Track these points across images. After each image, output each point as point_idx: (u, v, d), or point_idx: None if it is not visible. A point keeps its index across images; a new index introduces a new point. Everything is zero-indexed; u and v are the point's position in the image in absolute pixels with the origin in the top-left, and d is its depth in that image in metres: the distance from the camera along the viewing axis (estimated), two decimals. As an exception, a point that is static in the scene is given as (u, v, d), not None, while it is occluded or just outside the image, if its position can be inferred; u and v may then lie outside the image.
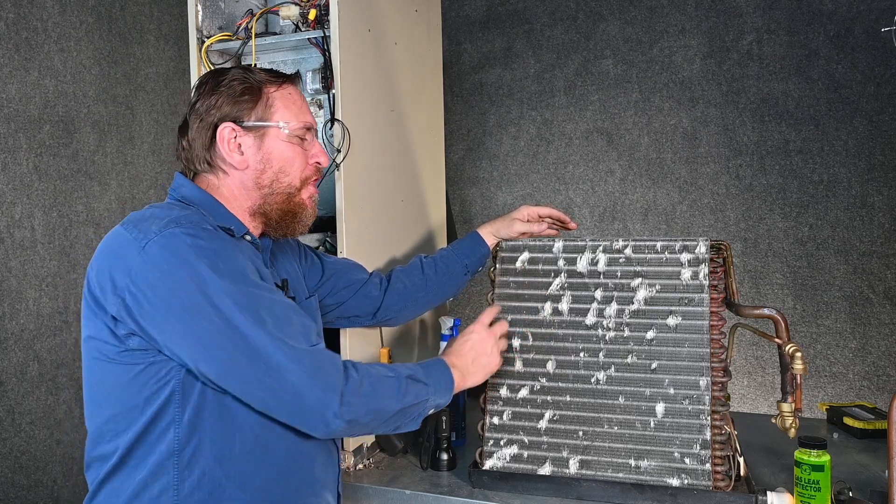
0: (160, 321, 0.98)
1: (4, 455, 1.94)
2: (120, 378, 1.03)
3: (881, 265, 2.46)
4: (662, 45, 2.73)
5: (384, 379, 1.07)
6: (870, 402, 2.23)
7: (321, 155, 1.20)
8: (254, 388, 0.99)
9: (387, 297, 1.47)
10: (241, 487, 1.04)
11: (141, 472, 1.02)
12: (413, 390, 1.09)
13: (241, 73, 1.17)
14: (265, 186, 1.15)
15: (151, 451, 1.02)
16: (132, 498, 1.02)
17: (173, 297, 0.97)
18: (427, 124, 1.99)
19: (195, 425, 1.02)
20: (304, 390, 0.98)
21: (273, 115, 1.15)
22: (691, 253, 1.36)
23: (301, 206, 1.18)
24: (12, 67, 2.00)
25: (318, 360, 1.01)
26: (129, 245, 1.00)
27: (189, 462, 1.01)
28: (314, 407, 0.98)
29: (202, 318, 0.97)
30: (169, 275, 0.97)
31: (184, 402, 1.01)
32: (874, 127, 2.47)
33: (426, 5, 1.99)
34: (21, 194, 2.02)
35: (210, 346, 0.97)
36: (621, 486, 1.26)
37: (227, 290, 0.98)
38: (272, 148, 1.15)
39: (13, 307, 1.99)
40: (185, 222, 1.02)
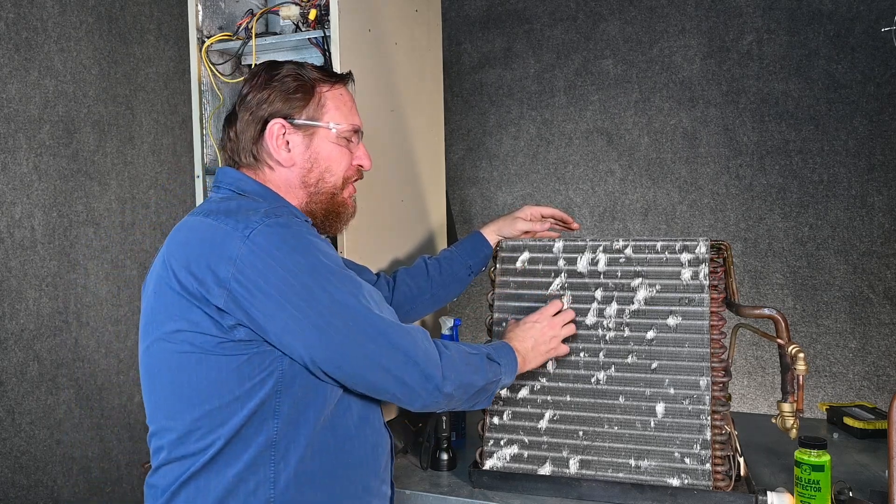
0: (272, 309, 0.97)
1: (4, 455, 1.94)
2: (221, 370, 0.99)
3: (881, 265, 2.46)
4: (662, 45, 2.73)
5: (470, 356, 1.13)
6: (870, 402, 2.23)
7: (365, 158, 1.23)
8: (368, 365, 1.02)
9: (394, 299, 1.48)
10: (330, 477, 1.05)
11: (234, 467, 0.99)
12: (492, 368, 1.15)
13: (296, 69, 1.18)
14: (311, 185, 1.17)
15: (249, 444, 1.00)
16: (225, 495, 0.99)
17: (284, 285, 0.97)
18: (427, 124, 1.99)
19: (293, 416, 1.02)
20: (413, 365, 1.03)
21: (324, 115, 1.17)
22: (691, 253, 1.36)
23: (343, 206, 1.21)
24: (12, 67, 2.00)
25: (420, 336, 1.06)
26: (228, 235, 0.99)
27: (285, 453, 1.01)
28: (422, 379, 1.03)
29: (316, 304, 0.98)
30: (279, 262, 0.98)
31: (284, 394, 1.01)
32: (874, 127, 2.47)
33: (426, 5, 1.99)
34: (21, 194, 2.02)
35: (325, 331, 0.99)
36: (621, 486, 1.26)
37: (336, 275, 1.02)
38: (320, 148, 1.17)
39: (13, 307, 1.99)
40: (283, 213, 1.05)
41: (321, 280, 1.00)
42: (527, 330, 1.29)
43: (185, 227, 1.05)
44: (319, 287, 0.99)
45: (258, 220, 1.00)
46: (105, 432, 2.28)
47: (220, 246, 0.98)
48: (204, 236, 1.01)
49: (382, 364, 1.02)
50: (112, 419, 2.30)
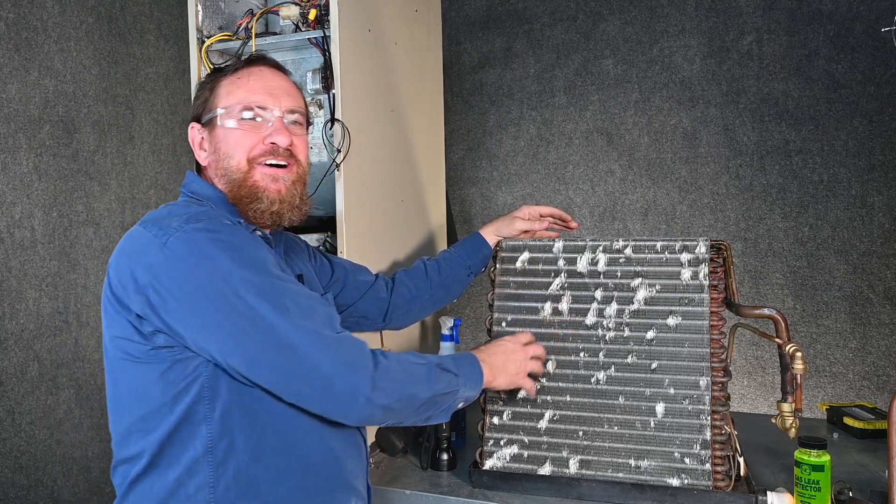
0: (186, 317, 0.97)
1: (4, 455, 1.94)
2: (147, 377, 1.02)
3: (881, 265, 2.46)
4: (662, 45, 2.73)
5: (414, 365, 1.07)
6: (870, 402, 2.23)
7: (276, 134, 1.13)
8: (285, 378, 0.99)
9: (392, 301, 1.48)
10: (276, 482, 1.03)
11: (175, 470, 1.01)
12: (443, 378, 1.09)
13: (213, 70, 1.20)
14: (222, 176, 1.14)
15: (185, 449, 1.01)
16: (167, 497, 1.01)
17: (198, 292, 0.97)
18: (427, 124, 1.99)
19: (227, 421, 1.01)
20: (335, 377, 0.98)
21: (217, 103, 1.15)
22: (691, 253, 1.36)
23: (254, 188, 1.12)
24: (12, 67, 2.00)
25: (346, 346, 1.01)
26: (149, 243, 1.00)
27: (223, 458, 1.01)
28: (346, 393, 0.98)
29: (229, 312, 0.97)
30: (193, 269, 0.97)
31: (213, 398, 1.01)
32: (874, 127, 2.47)
33: (426, 5, 1.99)
34: (21, 194, 2.02)
35: (239, 338, 0.97)
36: (621, 486, 1.26)
37: (252, 282, 0.98)
38: (219, 136, 1.14)
39: (13, 307, 1.99)
40: (204, 218, 1.03)
41: (235, 287, 0.97)
42: (498, 345, 1.24)
43: (125, 237, 1.07)
44: (232, 293, 0.97)
45: (177, 226, 1.00)
46: (105, 432, 2.27)
47: (142, 254, 1.00)
48: (132, 245, 1.04)
49: (300, 375, 0.98)
50: (112, 419, 2.30)
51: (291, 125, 1.17)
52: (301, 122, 1.19)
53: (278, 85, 1.17)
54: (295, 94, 1.20)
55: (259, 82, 1.15)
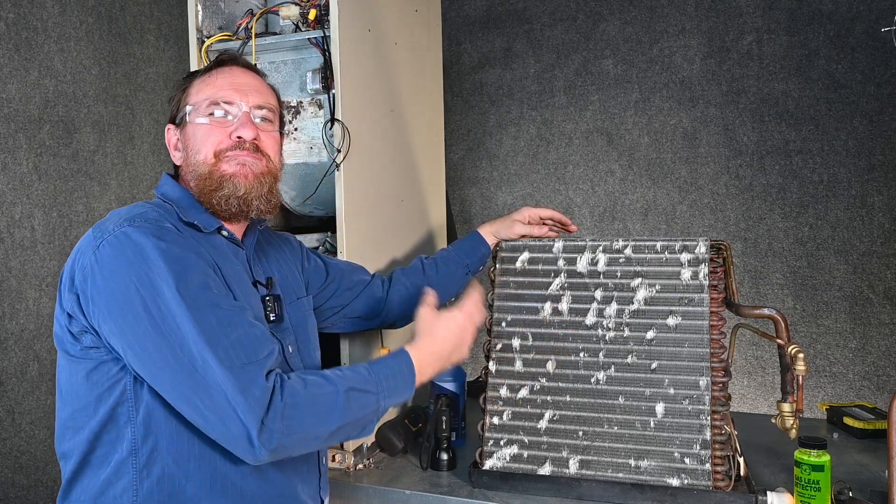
0: (107, 320, 0.98)
1: (4, 455, 1.94)
2: (76, 375, 1.04)
3: (881, 265, 2.46)
4: (662, 45, 2.73)
5: (319, 397, 0.99)
6: (870, 402, 2.23)
7: (241, 128, 1.12)
8: (179, 399, 0.97)
9: (389, 299, 1.47)
10: (203, 489, 1.02)
11: (104, 470, 1.02)
12: (357, 402, 1.02)
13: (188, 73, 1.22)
14: (191, 172, 1.14)
15: (113, 450, 1.02)
16: (97, 496, 1.02)
17: (115, 299, 0.97)
18: (427, 124, 1.99)
19: (149, 425, 1.01)
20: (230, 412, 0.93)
21: (187, 102, 1.16)
22: (691, 253, 1.36)
23: (223, 177, 1.11)
24: (12, 67, 2.00)
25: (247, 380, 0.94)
26: (88, 245, 1.02)
27: (147, 462, 1.01)
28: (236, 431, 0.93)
29: (138, 323, 0.96)
30: (113, 276, 0.98)
31: (136, 402, 1.02)
32: (874, 127, 2.47)
33: (426, 5, 1.99)
34: (21, 194, 2.02)
35: (140, 351, 0.97)
36: (621, 486, 1.26)
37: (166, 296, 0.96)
38: (188, 134, 1.15)
39: (13, 307, 1.99)
40: (140, 221, 1.02)
41: (145, 300, 0.95)
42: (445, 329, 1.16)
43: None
44: (143, 306, 0.95)
45: (111, 229, 1.01)
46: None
47: (81, 255, 1.02)
48: (79, 245, 1.05)
49: (195, 404, 0.94)
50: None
51: (261, 122, 1.17)
52: (271, 119, 1.19)
53: (246, 82, 1.17)
54: (265, 92, 1.20)
55: (227, 79, 1.16)
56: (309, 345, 1.27)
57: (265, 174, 1.15)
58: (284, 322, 1.20)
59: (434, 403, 1.52)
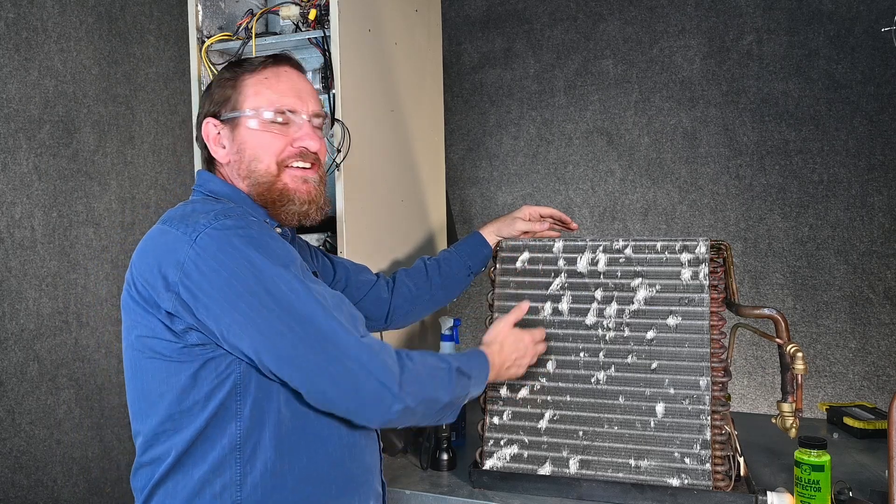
0: (218, 312, 0.97)
1: (4, 455, 1.94)
2: (179, 375, 1.01)
3: (881, 265, 2.46)
4: (662, 45, 2.73)
5: (437, 370, 1.07)
6: (870, 402, 2.23)
7: (306, 138, 1.13)
8: (314, 375, 0.98)
9: (393, 300, 1.47)
10: (301, 479, 1.03)
11: (200, 469, 1.00)
12: (461, 383, 1.10)
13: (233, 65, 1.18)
14: (246, 177, 1.13)
15: (212, 447, 1.00)
16: (192, 497, 1.00)
17: (230, 288, 0.96)
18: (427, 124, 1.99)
19: (256, 418, 1.01)
20: (365, 376, 0.98)
21: (243, 103, 1.13)
22: (691, 253, 1.36)
23: (284, 191, 1.13)
24: (12, 67, 2.00)
25: (374, 347, 1.01)
26: (177, 241, 0.99)
27: (251, 456, 1.01)
28: (375, 393, 0.98)
29: (261, 308, 0.96)
30: (224, 265, 0.97)
31: (244, 395, 1.01)
32: (874, 127, 2.47)
33: (426, 5, 1.99)
34: (21, 194, 2.02)
35: (270, 335, 0.97)
36: (621, 486, 1.26)
37: (284, 279, 0.98)
38: (244, 137, 1.13)
39: (13, 307, 1.99)
40: (232, 214, 1.03)
41: (266, 283, 0.97)
42: (512, 344, 1.24)
43: (147, 237, 1.06)
44: (263, 290, 0.97)
45: (206, 223, 1.00)
46: (105, 432, 2.28)
47: (170, 251, 0.99)
48: (157, 243, 1.03)
49: (331, 373, 0.97)
50: (112, 419, 2.30)
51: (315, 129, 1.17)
52: (321, 126, 1.20)
53: (304, 87, 1.17)
54: (317, 97, 1.20)
55: (288, 84, 1.15)
56: None
57: (321, 183, 1.17)
58: None
59: (434, 403, 1.52)
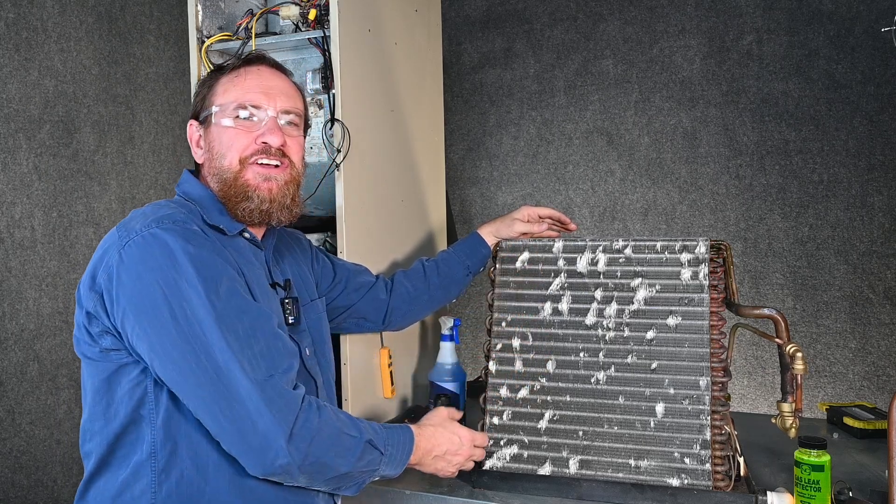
0: (130, 322, 0.97)
1: (4, 455, 1.94)
2: (96, 377, 1.03)
3: (881, 265, 2.46)
4: (662, 45, 2.73)
5: (342, 436, 1.01)
6: (870, 402, 2.23)
7: (268, 134, 1.12)
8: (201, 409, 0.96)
9: (392, 301, 1.47)
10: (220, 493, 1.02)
11: (123, 471, 1.02)
12: (368, 457, 1.04)
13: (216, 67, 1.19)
14: (215, 174, 1.13)
15: (132, 451, 1.02)
16: (115, 497, 1.02)
17: (141, 301, 0.96)
18: (427, 124, 1.99)
19: (169, 428, 1.01)
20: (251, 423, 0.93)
21: (213, 101, 1.14)
22: (691, 253, 1.36)
23: (244, 187, 1.11)
24: (12, 67, 2.00)
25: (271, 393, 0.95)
26: (113, 244, 1.01)
27: (166, 465, 1.00)
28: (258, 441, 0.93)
29: (164, 327, 0.95)
30: (140, 277, 0.97)
31: (157, 404, 1.01)
32: (874, 127, 2.47)
33: (426, 5, 1.99)
34: (21, 194, 2.02)
35: (164, 356, 0.96)
36: (621, 486, 1.25)
37: (193, 303, 0.95)
38: (213, 134, 1.13)
39: (13, 307, 1.99)
40: (167, 222, 1.00)
41: (172, 304, 0.94)
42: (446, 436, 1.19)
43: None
44: (168, 311, 0.94)
45: (139, 229, 0.99)
46: (105, 432, 2.28)
47: (105, 254, 1.01)
48: (102, 244, 1.04)
49: (215, 412, 0.94)
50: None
51: (286, 126, 1.15)
52: (297, 124, 1.18)
53: (275, 85, 1.16)
54: (293, 95, 1.18)
55: (255, 81, 1.14)
56: (324, 347, 1.28)
57: (289, 183, 1.15)
58: (301, 325, 1.20)
59: (434, 403, 1.52)
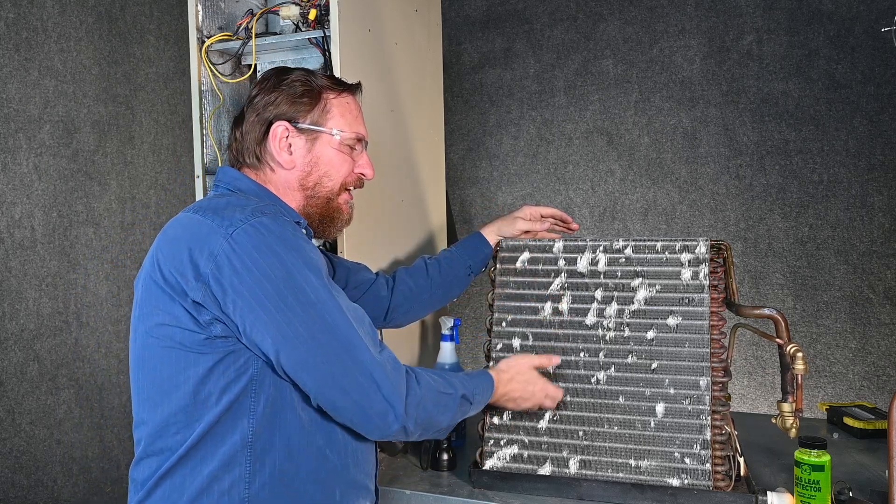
0: (245, 308, 0.97)
1: (4, 455, 1.94)
2: (197, 367, 1.00)
3: (881, 265, 2.46)
4: (662, 45, 2.73)
5: (443, 396, 1.10)
6: (870, 402, 2.23)
7: (367, 167, 1.24)
8: (327, 384, 0.99)
9: (393, 299, 1.48)
10: (307, 481, 1.04)
11: (209, 465, 1.00)
12: (463, 409, 1.14)
13: (305, 75, 1.20)
14: (308, 188, 1.18)
15: (223, 442, 1.00)
16: (199, 493, 0.99)
17: (260, 287, 0.97)
18: (427, 124, 1.99)
19: (268, 417, 1.01)
20: (374, 393, 1.00)
21: (328, 121, 1.19)
22: (691, 253, 1.36)
23: (338, 211, 1.21)
24: (12, 67, 2.00)
25: (388, 367, 1.02)
26: (212, 232, 0.99)
27: (261, 454, 1.01)
28: (380, 411, 1.00)
29: (287, 311, 0.97)
30: (257, 263, 0.97)
31: (259, 392, 1.01)
32: (874, 127, 2.47)
33: (426, 5, 1.99)
34: (21, 194, 2.02)
35: (292, 338, 0.97)
36: (621, 486, 1.26)
37: (312, 285, 1.00)
38: (322, 153, 1.18)
39: (13, 307, 1.99)
40: (268, 212, 1.03)
41: (296, 286, 0.98)
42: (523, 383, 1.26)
43: (175, 224, 1.06)
44: (292, 293, 0.98)
45: (243, 217, 1.00)
46: (105, 432, 2.28)
47: (204, 242, 0.99)
48: (190, 232, 1.02)
49: (344, 386, 0.99)
50: (112, 419, 2.30)
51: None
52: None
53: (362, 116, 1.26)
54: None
55: (360, 112, 1.25)
56: None
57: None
58: None
59: (434, 403, 1.52)
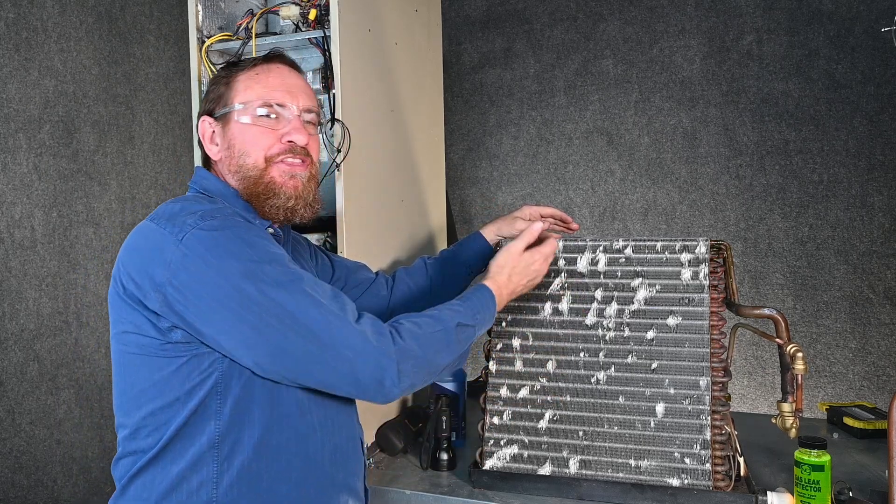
0: (207, 313, 0.97)
1: (4, 455, 1.94)
2: (162, 371, 1.02)
3: (881, 265, 2.46)
4: (662, 45, 2.73)
5: (433, 335, 1.07)
6: (870, 402, 2.23)
7: (294, 132, 1.14)
8: (311, 365, 0.99)
9: (393, 298, 1.47)
10: (278, 480, 1.04)
11: (178, 465, 1.01)
12: (462, 337, 1.11)
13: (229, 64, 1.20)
14: (236, 171, 1.14)
15: (191, 444, 1.01)
16: (168, 491, 1.01)
17: (218, 289, 0.97)
18: (427, 124, 1.99)
19: (235, 418, 1.02)
20: (362, 362, 0.99)
21: (233, 98, 1.15)
22: (691, 253, 1.36)
23: (270, 185, 1.13)
24: (12, 67, 2.00)
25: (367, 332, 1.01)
26: (164, 239, 1.00)
27: (228, 455, 1.01)
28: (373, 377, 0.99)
29: (251, 304, 0.97)
30: (211, 265, 0.97)
31: (225, 394, 1.01)
32: (874, 127, 2.47)
33: (426, 5, 1.99)
34: (21, 194, 2.02)
35: (262, 329, 0.97)
36: (621, 486, 1.26)
37: (271, 274, 0.99)
38: (234, 132, 1.14)
39: (13, 307, 1.99)
40: (218, 215, 1.03)
41: (255, 281, 0.97)
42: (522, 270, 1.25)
43: (135, 233, 1.06)
44: (254, 288, 0.97)
45: (192, 223, 1.00)
46: (105, 432, 2.28)
47: (157, 251, 1.00)
48: (145, 242, 1.03)
49: (326, 361, 0.98)
50: (112, 419, 2.30)
51: (307, 124, 1.18)
52: (315, 122, 1.20)
53: (296, 83, 1.18)
54: (311, 94, 1.20)
55: (278, 80, 1.16)
56: None
57: (311, 180, 1.17)
58: None
59: (434, 403, 1.52)
